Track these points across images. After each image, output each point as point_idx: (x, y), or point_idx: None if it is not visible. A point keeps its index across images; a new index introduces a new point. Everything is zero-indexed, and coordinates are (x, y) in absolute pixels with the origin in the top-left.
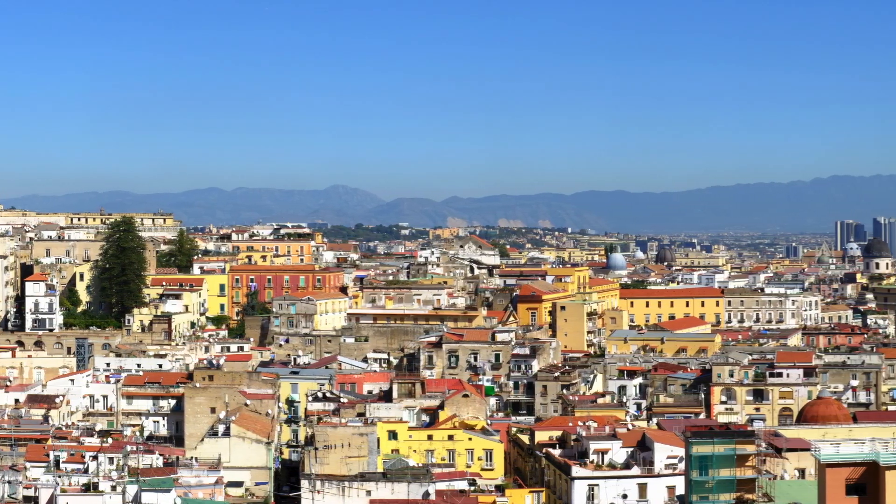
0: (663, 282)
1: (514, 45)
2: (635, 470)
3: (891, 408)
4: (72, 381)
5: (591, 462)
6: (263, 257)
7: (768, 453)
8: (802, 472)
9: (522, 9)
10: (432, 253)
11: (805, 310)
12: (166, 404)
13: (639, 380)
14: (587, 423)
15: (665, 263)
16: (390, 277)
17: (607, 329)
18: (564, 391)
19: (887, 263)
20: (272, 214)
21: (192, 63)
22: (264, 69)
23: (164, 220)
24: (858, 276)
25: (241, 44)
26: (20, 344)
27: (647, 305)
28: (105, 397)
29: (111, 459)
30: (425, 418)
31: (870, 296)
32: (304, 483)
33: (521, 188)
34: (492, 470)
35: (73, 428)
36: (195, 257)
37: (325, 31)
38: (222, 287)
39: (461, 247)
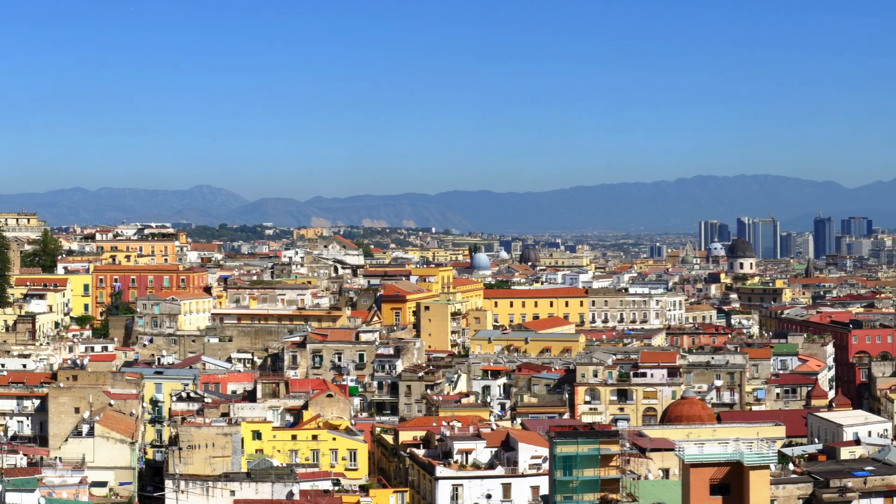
0: (527, 282)
1: (378, 45)
2: (499, 470)
3: (755, 408)
4: None
5: (455, 462)
6: (128, 257)
7: (632, 453)
8: (666, 472)
9: (386, 9)
10: (296, 253)
11: (669, 310)
12: (30, 404)
13: (503, 380)
14: (451, 423)
15: (529, 263)
16: (254, 277)
17: (471, 329)
18: (428, 391)
19: (751, 264)
20: (136, 214)
21: (56, 62)
22: (129, 69)
23: (28, 219)
24: (722, 276)
25: (106, 43)
26: None
27: (512, 305)
28: None
29: None
30: (289, 418)
31: (734, 296)
32: (168, 483)
33: (386, 188)
34: (356, 470)
35: None
36: (59, 257)
37: (190, 31)
38: (86, 287)
39: (325, 247)
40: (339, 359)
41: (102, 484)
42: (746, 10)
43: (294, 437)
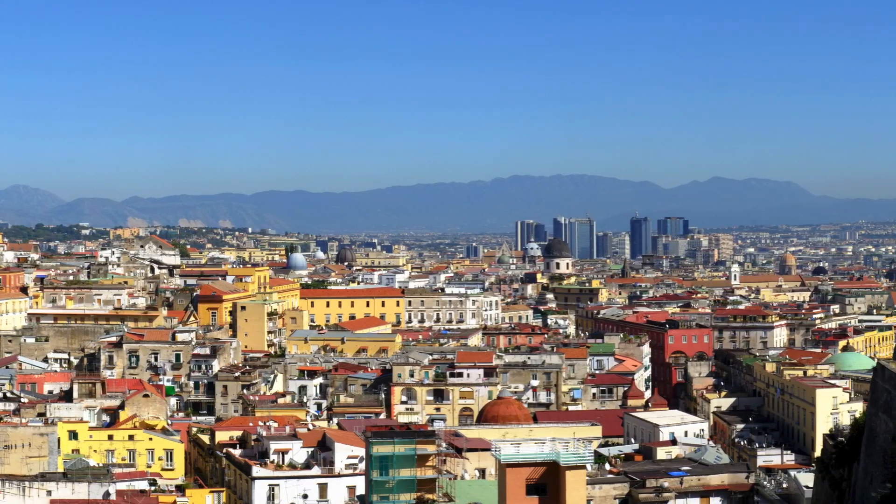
0: (344, 282)
1: (191, 44)
2: (316, 470)
3: (571, 408)
4: None
5: (272, 462)
6: None
7: (448, 453)
8: (483, 472)
9: (199, 8)
10: (113, 253)
11: (485, 310)
12: None
13: (319, 380)
14: (268, 424)
15: (346, 263)
16: (71, 277)
17: (288, 329)
18: (245, 391)
19: (567, 264)
20: None
21: None
22: None
23: None
24: (539, 276)
25: None
26: None
27: (328, 305)
28: None
29: None
30: (106, 418)
31: (550, 296)
32: None
33: (202, 188)
34: (172, 470)
35: None
36: None
37: (3, 30)
38: None
39: (142, 247)
40: (156, 359)
41: None
42: (561, 10)
43: (110, 437)
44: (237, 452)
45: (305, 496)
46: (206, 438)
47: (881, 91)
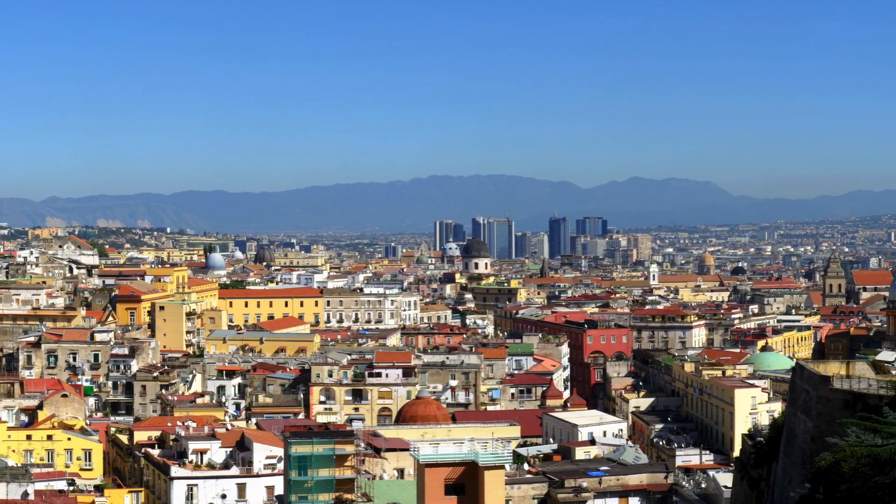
0: (262, 282)
1: (110, 44)
2: (234, 470)
3: (490, 408)
4: None
5: (190, 462)
6: None
7: (367, 453)
8: (402, 472)
9: (116, 8)
10: (31, 253)
11: (404, 310)
12: None
13: (238, 380)
14: (186, 424)
15: (264, 263)
16: None
17: (206, 329)
18: (163, 391)
19: (486, 263)
20: None
21: None
22: None
23: None
24: (458, 276)
25: None
26: None
27: (247, 305)
28: None
29: None
30: (24, 418)
31: (469, 296)
32: None
33: (120, 188)
34: (91, 470)
35: None
36: None
37: None
38: None
39: (60, 247)
40: (74, 359)
41: None
42: (481, 10)
43: (29, 437)
44: (156, 452)
45: (224, 496)
46: (124, 438)
47: (799, 91)
